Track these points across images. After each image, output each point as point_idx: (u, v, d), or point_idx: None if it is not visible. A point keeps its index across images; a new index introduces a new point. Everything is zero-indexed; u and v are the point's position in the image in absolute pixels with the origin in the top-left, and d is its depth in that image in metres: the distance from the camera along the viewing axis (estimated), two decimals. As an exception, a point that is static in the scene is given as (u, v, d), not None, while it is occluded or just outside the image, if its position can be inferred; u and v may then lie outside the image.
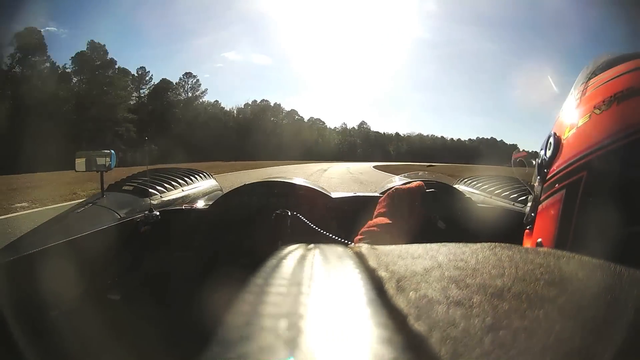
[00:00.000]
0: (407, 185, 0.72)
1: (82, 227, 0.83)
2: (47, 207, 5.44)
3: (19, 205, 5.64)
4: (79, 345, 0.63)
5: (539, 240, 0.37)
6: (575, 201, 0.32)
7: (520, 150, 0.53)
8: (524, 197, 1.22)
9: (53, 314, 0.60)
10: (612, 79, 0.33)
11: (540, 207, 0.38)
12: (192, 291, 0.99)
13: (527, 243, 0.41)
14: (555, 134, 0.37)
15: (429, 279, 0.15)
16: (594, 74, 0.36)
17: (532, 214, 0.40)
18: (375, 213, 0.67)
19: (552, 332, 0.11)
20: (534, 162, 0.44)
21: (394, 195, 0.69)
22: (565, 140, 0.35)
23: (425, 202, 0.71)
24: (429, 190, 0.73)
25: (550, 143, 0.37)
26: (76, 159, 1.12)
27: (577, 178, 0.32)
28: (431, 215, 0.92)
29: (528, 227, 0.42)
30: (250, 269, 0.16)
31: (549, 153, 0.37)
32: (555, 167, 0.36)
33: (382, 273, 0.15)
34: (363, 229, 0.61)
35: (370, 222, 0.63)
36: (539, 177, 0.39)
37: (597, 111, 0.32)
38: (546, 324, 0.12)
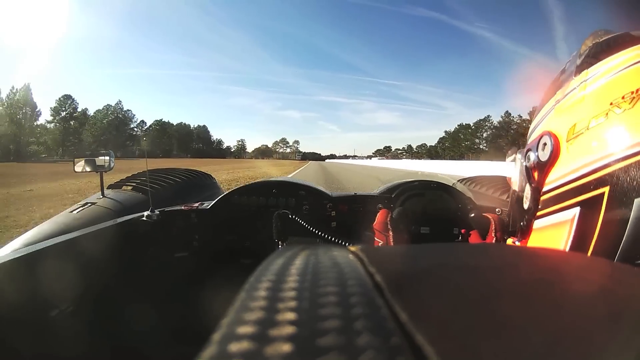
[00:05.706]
0: (376, 220, 0.76)
1: (81, 227, 0.83)
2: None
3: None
4: (79, 345, 0.63)
5: None
6: (595, 222, 0.26)
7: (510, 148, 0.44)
8: None
9: (53, 314, 0.60)
10: (625, 68, 0.27)
11: (537, 223, 0.32)
12: (192, 291, 0.99)
13: None
14: (550, 132, 0.31)
15: (428, 280, 0.15)
16: (594, 57, 0.30)
17: (522, 224, 0.34)
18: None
19: (553, 333, 0.11)
20: (514, 161, 0.38)
21: (370, 234, 0.75)
22: (571, 144, 0.29)
23: (397, 222, 0.75)
24: (396, 212, 0.77)
25: (545, 144, 0.31)
26: (75, 160, 1.13)
27: (597, 195, 0.26)
28: (412, 226, 0.97)
29: (515, 238, 0.36)
30: (250, 269, 0.16)
31: (543, 156, 0.31)
32: (556, 177, 0.30)
33: (381, 273, 0.15)
34: None
35: None
36: (529, 184, 0.33)
37: (617, 109, 0.26)
38: (547, 325, 0.12)
